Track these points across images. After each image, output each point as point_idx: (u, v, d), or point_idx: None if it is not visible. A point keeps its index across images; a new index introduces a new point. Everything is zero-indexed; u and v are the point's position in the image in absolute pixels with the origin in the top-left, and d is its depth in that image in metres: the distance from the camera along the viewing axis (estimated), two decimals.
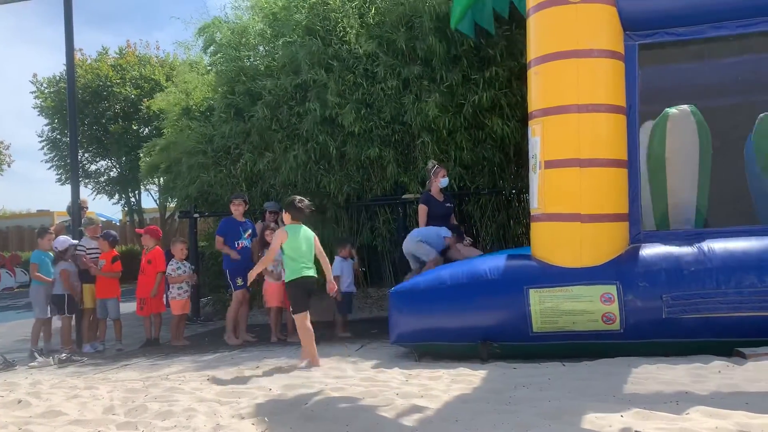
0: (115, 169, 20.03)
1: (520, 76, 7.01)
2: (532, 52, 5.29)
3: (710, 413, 3.11)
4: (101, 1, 51.85)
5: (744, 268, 4.68)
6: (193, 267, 7.98)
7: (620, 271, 4.88)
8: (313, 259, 5.47)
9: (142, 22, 66.85)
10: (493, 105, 7.82)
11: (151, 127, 18.21)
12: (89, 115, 18.35)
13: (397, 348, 5.59)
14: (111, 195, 20.39)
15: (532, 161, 5.36)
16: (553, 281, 4.94)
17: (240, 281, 7.00)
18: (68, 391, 4.76)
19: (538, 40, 5.25)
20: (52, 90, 19.20)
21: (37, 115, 22.57)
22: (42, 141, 19.41)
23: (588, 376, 4.20)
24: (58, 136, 19.21)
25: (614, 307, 4.79)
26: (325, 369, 5.12)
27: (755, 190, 5.60)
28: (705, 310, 4.66)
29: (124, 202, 20.89)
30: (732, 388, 3.66)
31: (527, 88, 5.45)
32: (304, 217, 5.49)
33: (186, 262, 7.54)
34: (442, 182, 6.77)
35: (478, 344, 4.99)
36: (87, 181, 19.75)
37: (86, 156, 19.44)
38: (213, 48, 10.19)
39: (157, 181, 17.33)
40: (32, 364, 6.63)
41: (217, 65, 9.99)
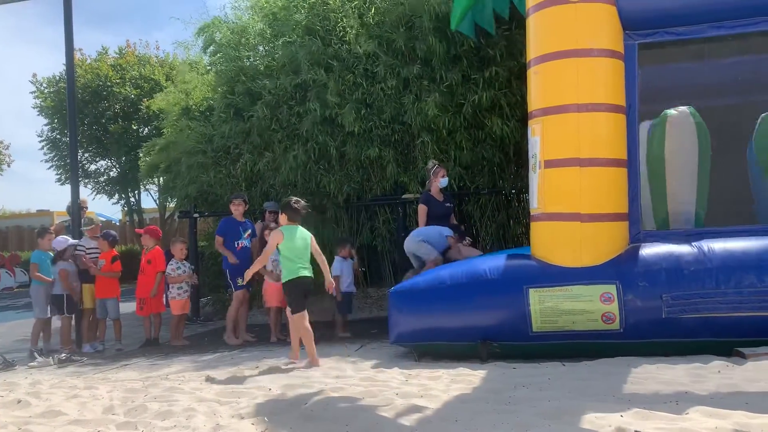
0: (115, 169, 20.02)
1: (520, 75, 7.00)
2: (532, 51, 5.28)
3: (710, 413, 3.11)
4: (101, 1, 51.90)
5: (743, 268, 4.68)
6: (193, 267, 7.98)
7: (620, 270, 4.87)
8: (310, 259, 5.48)
9: (142, 22, 66.89)
10: (493, 105, 7.82)
11: (150, 127, 18.20)
12: (89, 115, 18.34)
13: (397, 348, 5.58)
14: (111, 195, 20.38)
15: (531, 161, 5.36)
16: (553, 281, 4.93)
17: (240, 281, 7.00)
18: (68, 391, 4.76)
19: (537, 39, 5.24)
20: (51, 90, 19.19)
21: (36, 115, 22.58)
22: (42, 141, 19.42)
23: (588, 376, 4.20)
24: (58, 136, 19.20)
25: (614, 307, 4.79)
26: (325, 369, 5.12)
27: (756, 190, 5.60)
28: (705, 309, 4.66)
29: (123, 202, 20.89)
30: (731, 388, 3.66)
31: (527, 88, 5.45)
32: (300, 218, 5.49)
33: (186, 262, 7.54)
34: (442, 182, 6.77)
35: (478, 344, 4.98)
36: (87, 181, 19.75)
37: (86, 156, 19.43)
38: (213, 48, 10.20)
39: (157, 181, 17.33)
40: (32, 364, 6.64)
41: (217, 65, 10.00)
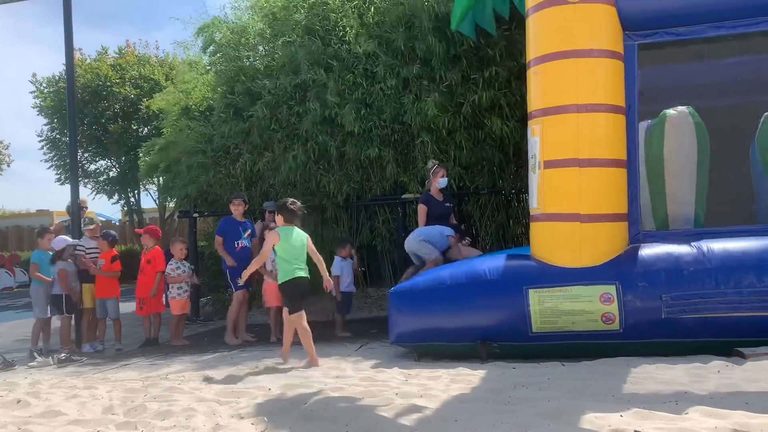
0: (115, 169, 20.02)
1: (520, 75, 7.00)
2: (532, 52, 5.28)
3: (709, 413, 3.12)
4: (100, 1, 51.86)
5: (743, 268, 4.68)
6: (193, 267, 7.98)
7: (619, 271, 4.88)
8: (306, 259, 5.49)
9: (142, 22, 66.86)
10: (493, 105, 7.81)
11: (150, 127, 18.19)
12: (88, 115, 18.33)
13: (397, 348, 5.58)
14: (110, 195, 20.38)
15: (531, 161, 5.36)
16: (553, 281, 4.94)
17: (239, 281, 6.99)
18: (67, 391, 4.76)
19: (537, 40, 5.25)
20: (51, 90, 19.18)
21: (36, 115, 22.58)
22: (41, 141, 19.41)
23: (587, 376, 4.20)
24: (58, 136, 19.20)
25: (613, 307, 4.79)
26: (325, 369, 5.12)
27: (759, 190, 5.59)
28: (704, 310, 4.67)
29: (123, 202, 20.89)
30: (731, 388, 3.66)
31: (527, 88, 5.45)
32: (296, 219, 5.51)
33: (185, 262, 7.54)
34: (440, 182, 6.76)
35: (478, 344, 4.98)
36: (86, 181, 19.75)
37: (86, 156, 19.42)
38: (212, 48, 10.19)
39: (157, 181, 17.34)
40: (31, 363, 6.63)
41: (217, 65, 10.00)
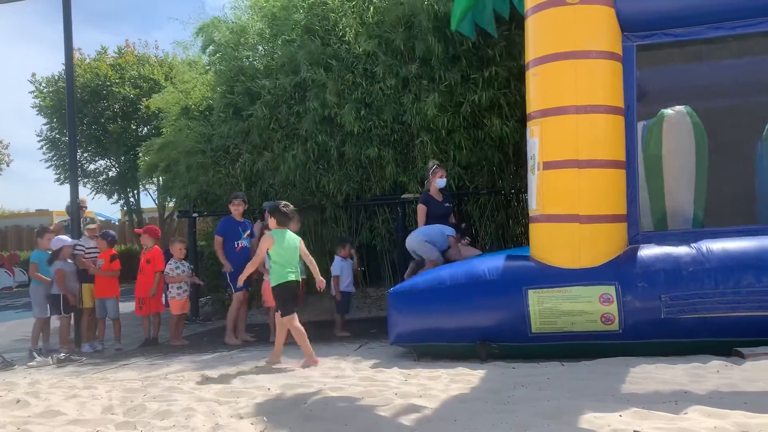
0: (114, 169, 19.99)
1: (519, 76, 7.00)
2: (531, 53, 5.29)
3: (709, 413, 3.12)
4: (100, 1, 51.90)
5: (742, 268, 4.68)
6: (192, 267, 7.98)
7: (619, 271, 4.88)
8: (299, 262, 5.52)
9: (141, 22, 66.88)
10: (492, 105, 7.82)
11: (150, 127, 18.17)
12: (88, 115, 18.31)
13: (396, 348, 5.59)
14: (110, 194, 20.34)
15: (530, 162, 5.36)
16: (552, 282, 4.94)
17: (239, 284, 6.98)
18: (67, 391, 4.76)
19: (536, 41, 5.25)
20: (51, 89, 19.15)
21: (35, 115, 22.46)
22: (41, 140, 19.38)
23: (587, 376, 4.20)
24: (57, 136, 19.17)
25: (613, 308, 4.79)
26: (324, 368, 5.12)
27: (761, 189, 5.59)
28: (703, 310, 4.67)
29: (123, 202, 20.85)
30: (730, 388, 3.66)
31: (526, 89, 5.46)
32: (289, 222, 5.52)
33: (185, 262, 7.54)
34: (439, 183, 6.75)
35: (477, 345, 4.99)
36: (86, 181, 19.72)
37: (85, 155, 19.38)
38: (212, 48, 10.19)
39: (156, 181, 17.31)
40: (31, 363, 6.64)
41: (216, 65, 9.99)
